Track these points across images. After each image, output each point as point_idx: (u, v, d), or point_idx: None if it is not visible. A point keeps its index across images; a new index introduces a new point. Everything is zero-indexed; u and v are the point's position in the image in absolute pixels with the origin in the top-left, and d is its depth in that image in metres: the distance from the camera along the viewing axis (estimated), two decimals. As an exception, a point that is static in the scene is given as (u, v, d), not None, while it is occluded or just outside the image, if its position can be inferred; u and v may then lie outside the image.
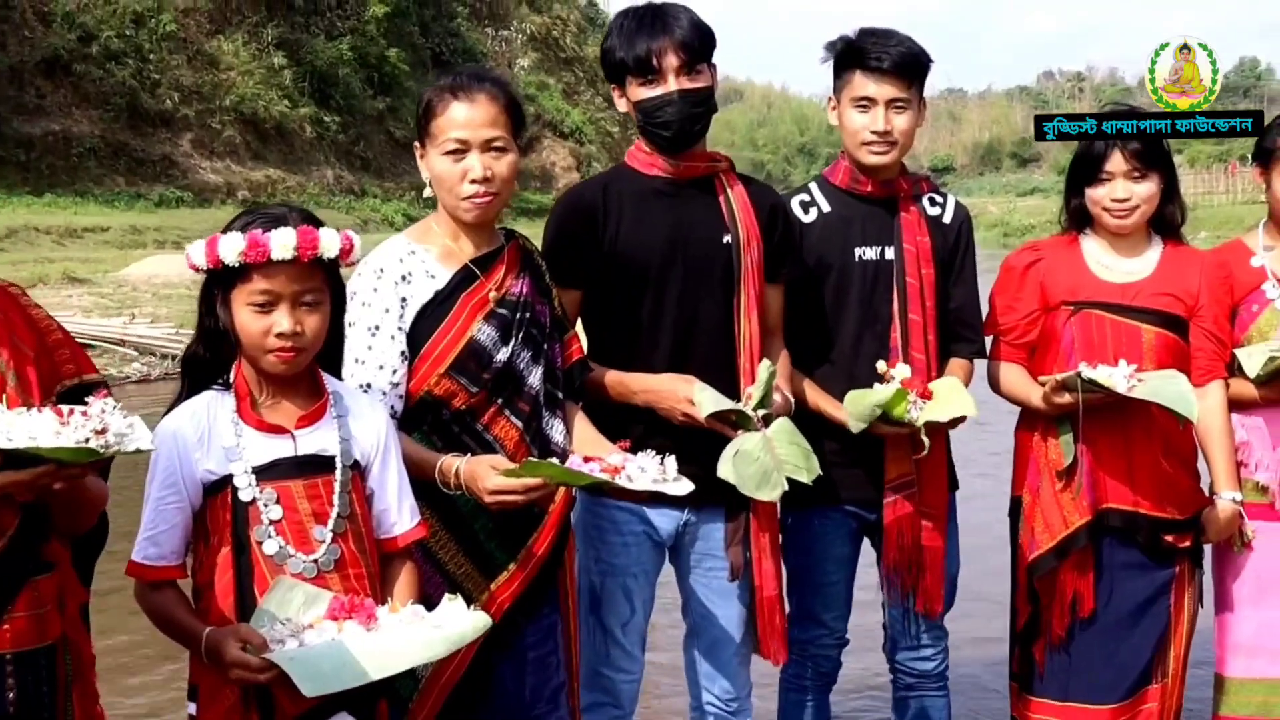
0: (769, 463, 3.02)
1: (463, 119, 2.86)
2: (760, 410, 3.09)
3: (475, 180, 2.86)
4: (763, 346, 3.37)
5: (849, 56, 3.53)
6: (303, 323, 2.43)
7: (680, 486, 2.73)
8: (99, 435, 2.10)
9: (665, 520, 3.32)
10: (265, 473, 2.44)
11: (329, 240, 2.42)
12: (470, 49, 46.94)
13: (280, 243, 2.37)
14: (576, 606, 3.21)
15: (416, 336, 2.87)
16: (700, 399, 3.09)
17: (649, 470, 2.72)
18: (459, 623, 2.38)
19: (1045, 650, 3.66)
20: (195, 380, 2.51)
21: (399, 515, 2.62)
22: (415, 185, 3.40)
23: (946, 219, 3.66)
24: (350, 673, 2.27)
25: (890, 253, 3.55)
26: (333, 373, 2.62)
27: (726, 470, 3.01)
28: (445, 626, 2.37)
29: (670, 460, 2.76)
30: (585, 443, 3.01)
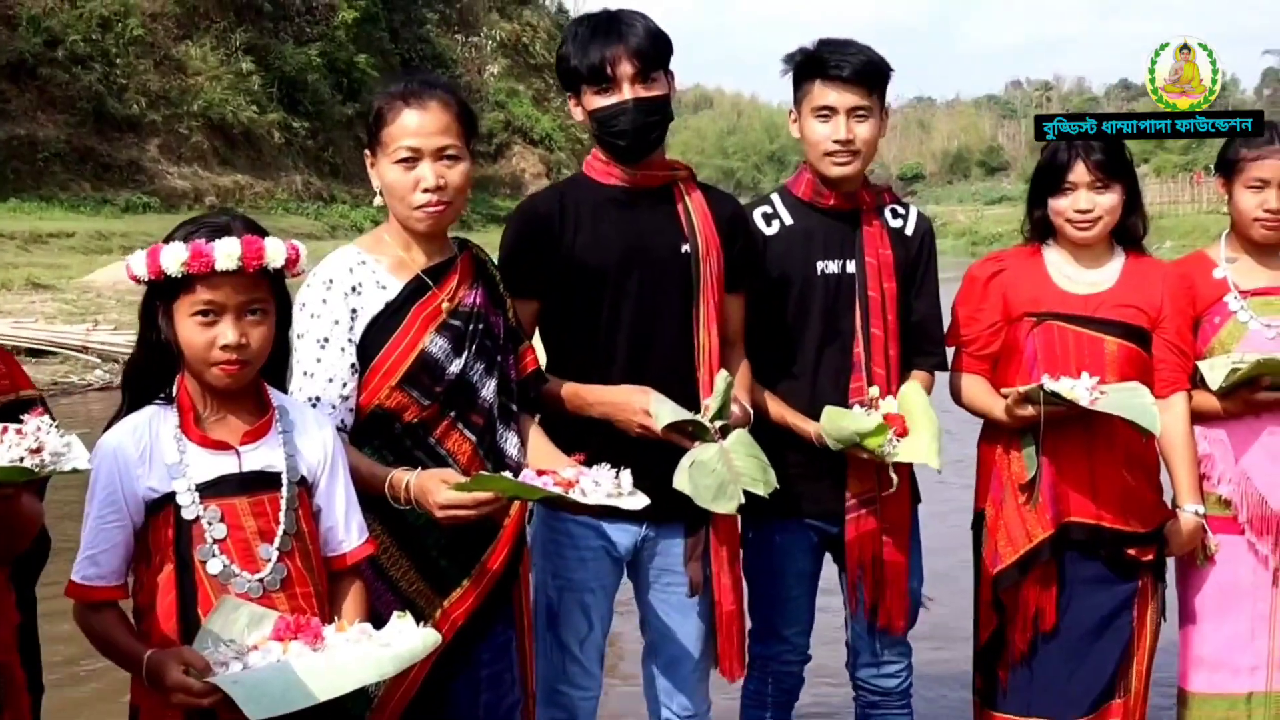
0: (725, 474, 2.97)
1: (414, 127, 2.81)
2: (717, 421, 3.04)
3: (428, 189, 2.81)
4: (723, 357, 3.33)
5: (808, 67, 3.49)
6: (248, 334, 2.38)
7: (635, 501, 2.68)
8: (34, 454, 2.05)
9: (623, 535, 3.27)
10: (209, 490, 2.38)
11: (275, 250, 2.36)
12: (440, 55, 46.86)
13: (224, 252, 2.31)
14: (532, 623, 3.16)
15: (367, 348, 2.81)
16: (657, 410, 3.04)
17: (603, 484, 2.67)
18: (408, 641, 2.32)
19: (1008, 666, 3.63)
20: (136, 395, 2.44)
21: (347, 532, 2.57)
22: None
23: (909, 231, 3.63)
24: (296, 694, 2.21)
25: (852, 266, 3.52)
26: (278, 386, 2.56)
27: (682, 481, 2.97)
28: (394, 645, 2.31)
29: (625, 474, 2.71)
30: (540, 456, 2.95)
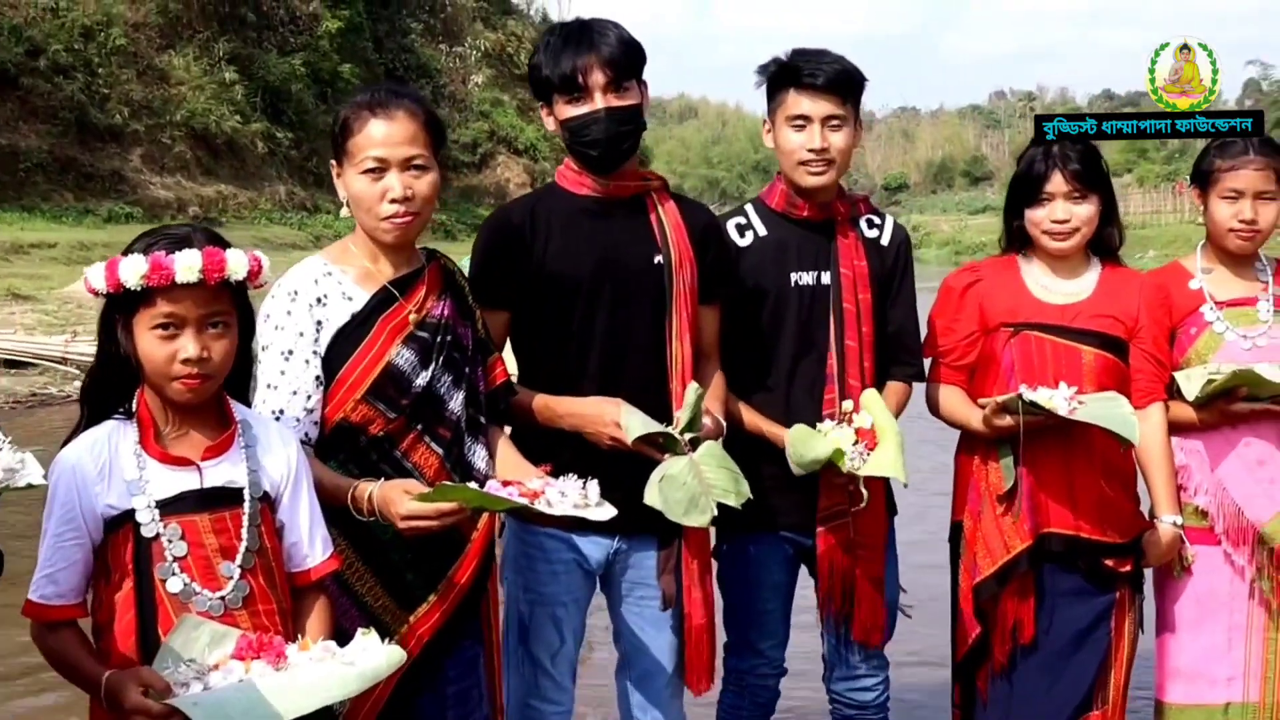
0: (696, 487, 2.94)
1: (381, 137, 2.77)
2: (688, 434, 3.01)
3: (395, 200, 2.78)
4: (698, 369, 3.31)
5: (783, 76, 3.47)
6: (209, 348, 2.34)
7: (602, 511, 2.65)
8: (-14, 470, 2.01)
9: (595, 548, 3.24)
10: (169, 507, 2.34)
11: (236, 261, 2.32)
12: (424, 65, 46.82)
13: (185, 264, 2.27)
14: (500, 638, 3.12)
15: (332, 361, 2.78)
16: (627, 422, 3.01)
17: (570, 495, 2.63)
18: (372, 659, 2.28)
19: (987, 678, 3.61)
20: (95, 409, 2.40)
21: (311, 548, 2.53)
22: None
23: (885, 241, 3.61)
24: (258, 715, 2.16)
25: (827, 277, 3.49)
26: (241, 400, 2.53)
27: (653, 496, 2.93)
28: (358, 663, 2.26)
29: (592, 485, 2.68)
30: (509, 468, 2.92)
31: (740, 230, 3.54)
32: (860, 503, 3.34)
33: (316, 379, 2.76)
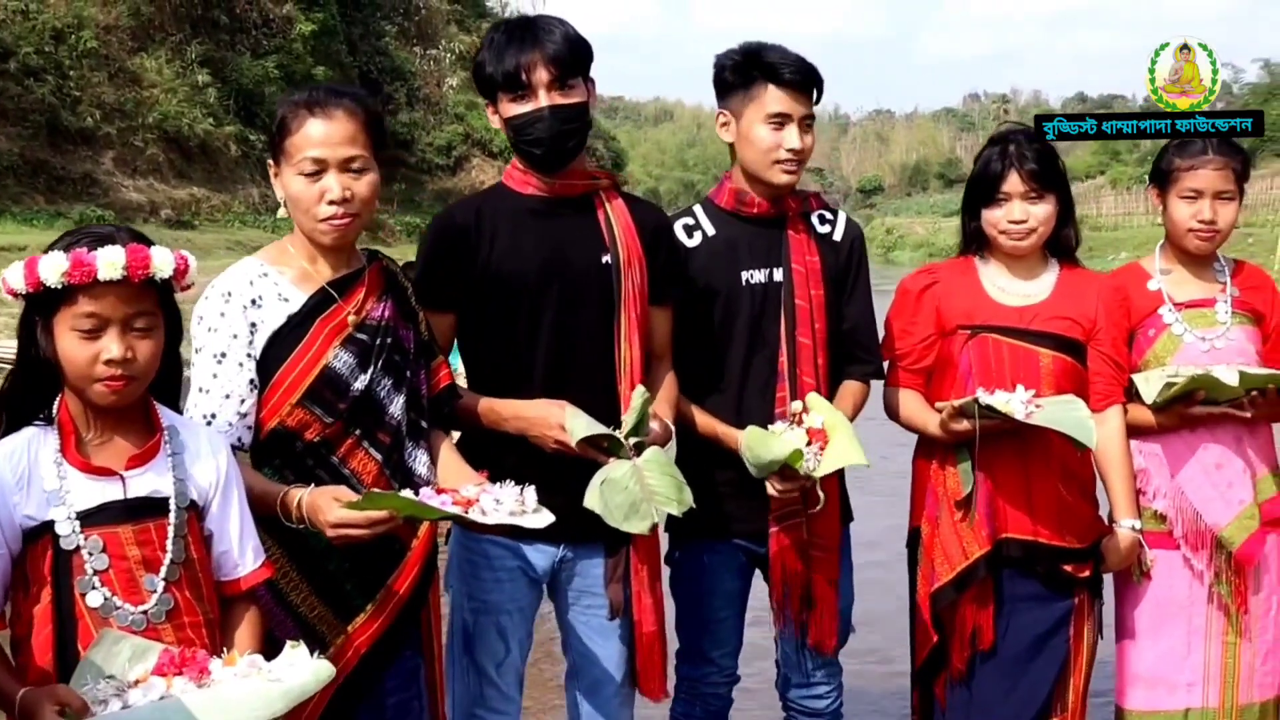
0: (638, 493, 2.86)
1: (319, 137, 2.70)
2: (634, 438, 2.94)
3: (333, 201, 2.70)
4: (649, 371, 3.25)
5: (760, 70, 3.37)
6: (134, 349, 2.26)
7: (539, 519, 2.58)
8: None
9: (540, 556, 3.18)
10: (91, 518, 2.25)
11: (161, 259, 2.25)
12: (399, 68, 46.59)
13: (107, 261, 2.19)
14: (442, 649, 3.04)
15: (268, 364, 2.70)
16: (571, 424, 2.94)
17: (505, 502, 2.55)
18: (299, 674, 2.20)
19: (945, 685, 3.56)
20: (14, 416, 2.31)
21: (241, 557, 2.45)
22: None
23: (837, 236, 3.54)
24: None
25: (779, 274, 3.43)
26: (169, 405, 2.45)
27: (593, 500, 2.86)
28: (285, 679, 2.18)
29: (529, 491, 2.60)
30: (451, 474, 2.84)
31: (688, 231, 3.48)
32: (817, 504, 3.28)
33: (250, 382, 2.69)
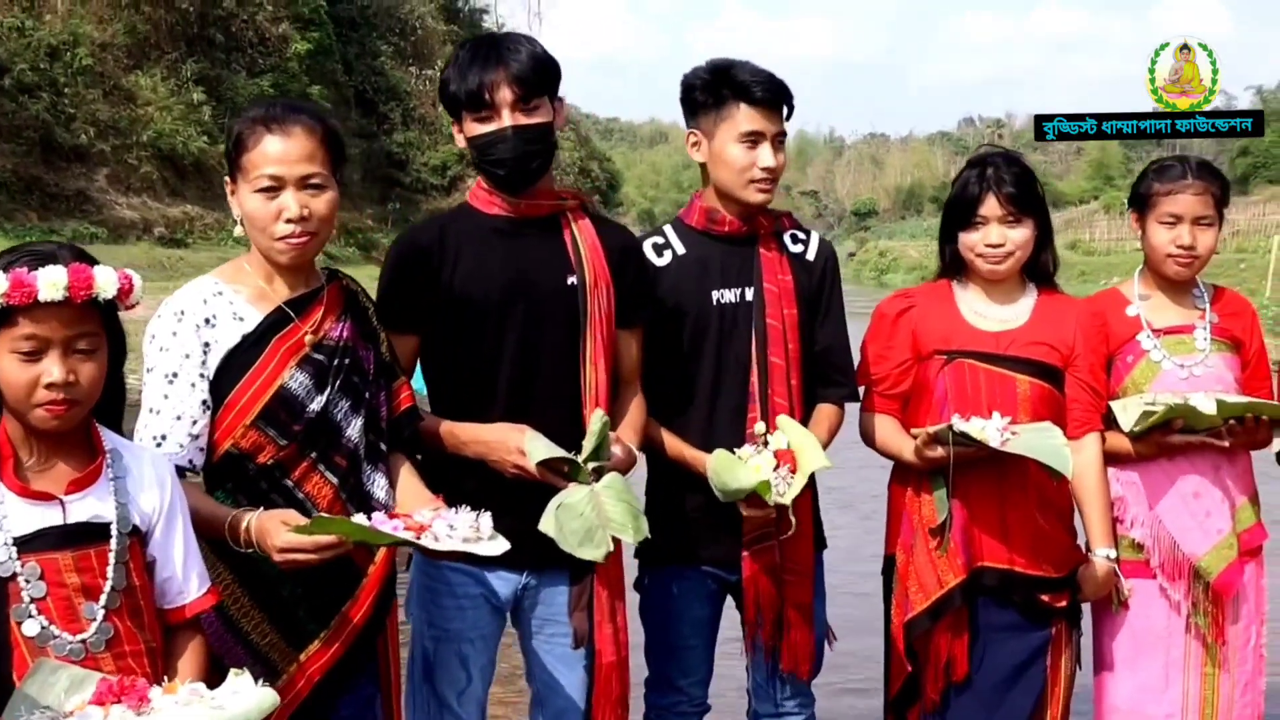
0: (594, 519, 2.80)
1: (276, 154, 2.64)
2: (593, 463, 2.88)
3: (291, 219, 2.65)
4: (617, 396, 3.20)
5: (731, 89, 3.32)
6: (76, 371, 2.19)
7: (494, 546, 2.51)
8: None
9: (503, 583, 3.12)
10: (29, 544, 2.18)
11: (105, 279, 2.18)
12: (394, 88, 46.63)
13: (49, 281, 2.13)
14: (399, 678, 2.96)
15: (221, 384, 2.64)
16: (530, 447, 2.89)
17: (459, 528, 2.48)
18: (243, 702, 2.13)
19: (920, 715, 3.50)
20: None
21: (185, 584, 2.38)
22: (338, 224, 3.18)
23: (810, 256, 3.49)
24: None
25: (750, 294, 3.37)
26: (112, 427, 2.38)
27: (548, 524, 2.79)
28: (227, 707, 2.11)
29: (485, 517, 2.54)
30: (410, 498, 2.77)
31: (658, 250, 3.42)
32: (790, 529, 3.21)
33: (203, 403, 2.63)
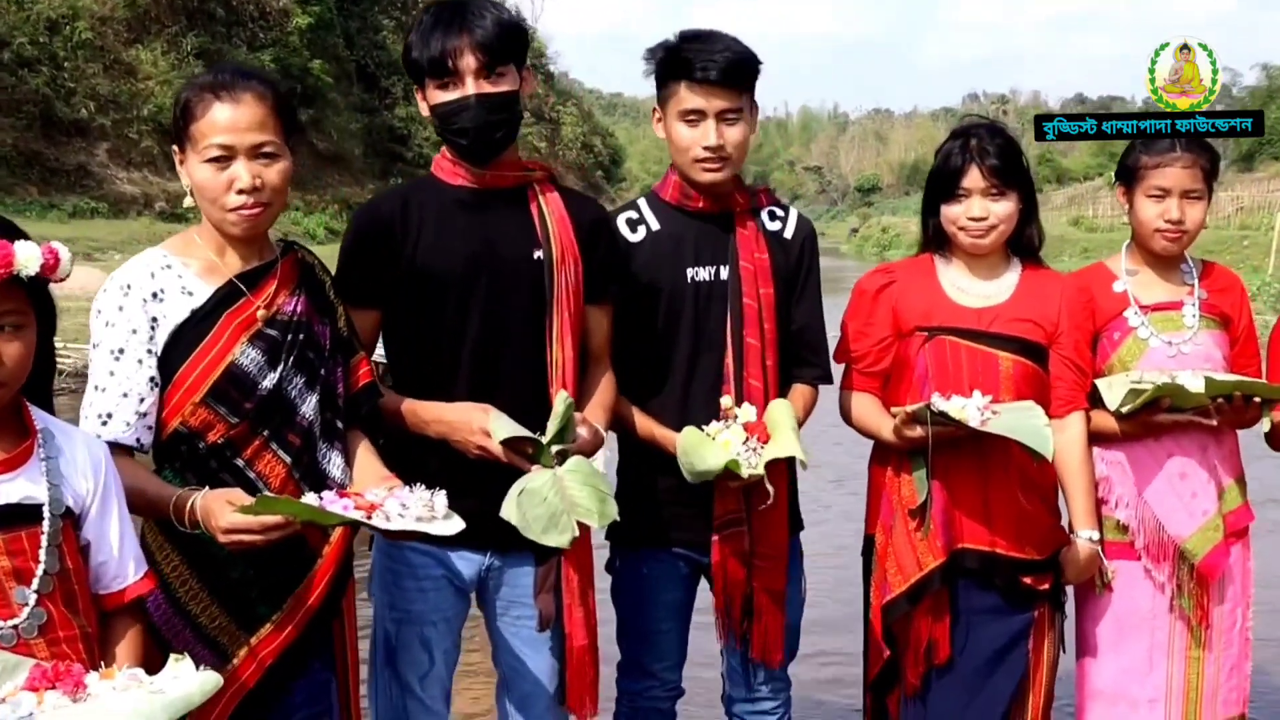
0: (558, 504, 2.71)
1: (226, 122, 2.55)
2: (557, 445, 2.80)
3: (242, 190, 2.56)
4: (586, 373, 3.11)
5: (673, 66, 3.24)
6: (2, 352, 2.11)
7: (449, 525, 2.43)
8: None
9: (466, 565, 3.04)
10: None
11: (26, 255, 2.09)
12: (395, 62, 46.07)
13: None
14: (356, 661, 2.88)
15: (170, 361, 2.56)
16: (494, 427, 2.80)
17: (412, 508, 2.40)
18: (183, 686, 2.05)
19: (900, 700, 3.42)
20: None
21: (122, 568, 2.30)
22: (338, 199, 3.10)
23: (788, 234, 3.40)
24: None
25: (726, 272, 3.29)
26: (43, 403, 2.30)
27: (510, 511, 2.71)
28: (167, 691, 2.04)
29: (440, 496, 2.46)
30: (368, 476, 2.69)
31: (632, 225, 3.34)
32: (768, 499, 3.12)
33: (151, 380, 2.55)
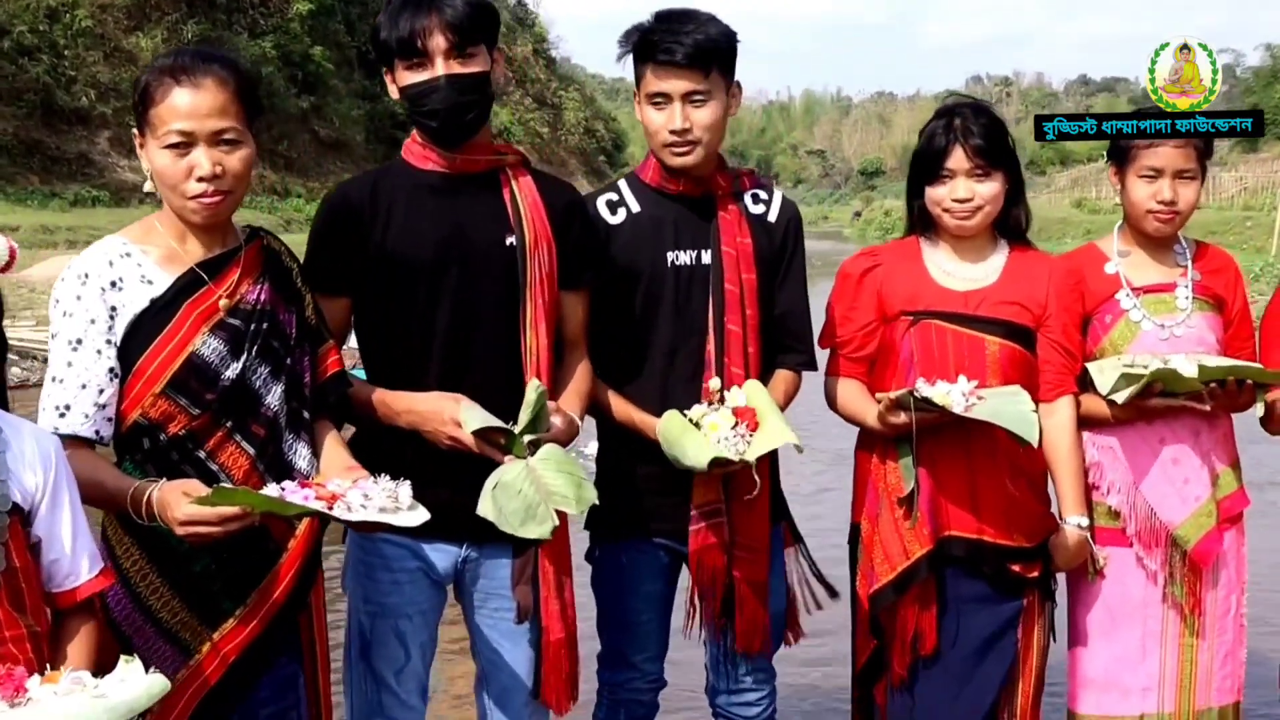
0: (533, 496, 2.64)
1: (186, 108, 2.48)
2: (529, 435, 2.74)
3: (203, 178, 2.49)
4: (561, 360, 3.05)
5: (640, 49, 3.16)
6: None
7: (413, 516, 2.37)
8: None
9: (442, 557, 2.98)
10: None
11: None
12: (397, 48, 46.39)
13: None
14: (325, 655, 2.82)
15: (129, 351, 2.49)
16: (465, 417, 2.74)
17: (375, 499, 2.35)
18: (129, 690, 1.99)
19: (887, 691, 3.37)
20: None
21: (75, 565, 2.24)
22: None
23: (772, 217, 3.33)
24: None
25: (707, 256, 3.22)
26: None
27: (486, 507, 2.64)
28: (110, 695, 1.97)
29: (404, 486, 2.40)
30: (335, 467, 2.62)
31: (612, 207, 3.27)
32: (754, 489, 3.07)
33: (110, 371, 2.48)
